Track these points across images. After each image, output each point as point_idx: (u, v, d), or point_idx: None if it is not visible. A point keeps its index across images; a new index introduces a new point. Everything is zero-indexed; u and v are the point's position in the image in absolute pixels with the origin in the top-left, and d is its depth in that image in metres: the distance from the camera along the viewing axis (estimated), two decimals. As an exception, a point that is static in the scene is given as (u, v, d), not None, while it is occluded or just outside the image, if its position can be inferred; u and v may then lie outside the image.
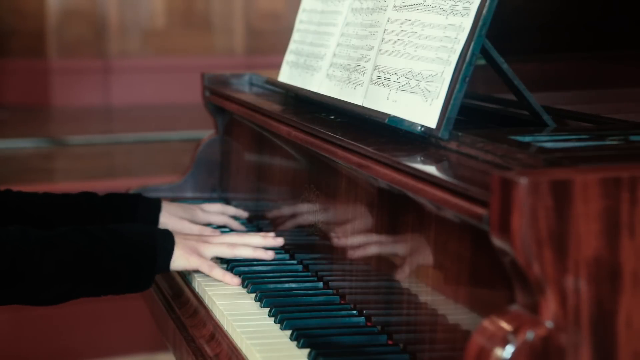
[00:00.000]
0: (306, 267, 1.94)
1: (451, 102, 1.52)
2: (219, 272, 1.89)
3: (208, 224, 2.20)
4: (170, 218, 2.14)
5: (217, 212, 2.24)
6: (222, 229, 2.21)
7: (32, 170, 4.91)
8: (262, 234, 2.01)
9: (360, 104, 1.76)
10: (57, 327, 3.84)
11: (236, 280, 1.88)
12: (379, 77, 1.72)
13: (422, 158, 1.47)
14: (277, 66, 2.22)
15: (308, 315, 1.69)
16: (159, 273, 1.90)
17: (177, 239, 1.89)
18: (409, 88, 1.62)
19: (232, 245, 1.93)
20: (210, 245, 1.92)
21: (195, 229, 2.12)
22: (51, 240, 1.80)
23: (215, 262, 1.92)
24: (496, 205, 1.16)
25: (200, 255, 1.90)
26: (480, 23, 1.52)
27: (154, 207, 2.16)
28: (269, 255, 1.94)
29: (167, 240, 1.88)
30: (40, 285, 1.78)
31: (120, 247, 1.83)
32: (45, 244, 1.79)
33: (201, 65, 4.10)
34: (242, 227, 2.23)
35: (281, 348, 1.56)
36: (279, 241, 1.98)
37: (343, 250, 1.75)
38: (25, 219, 2.07)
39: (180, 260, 1.88)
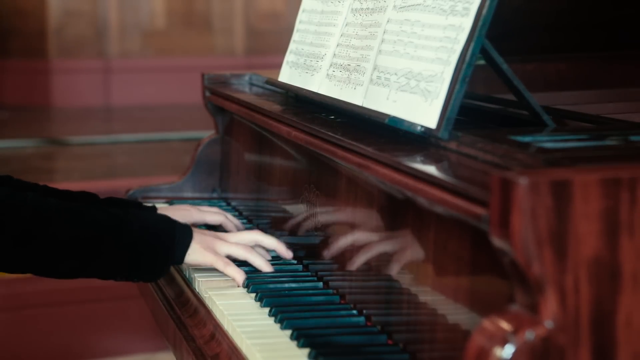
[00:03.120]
0: (306, 267, 1.94)
1: (451, 102, 1.52)
2: (233, 270, 1.89)
3: (204, 224, 2.19)
4: None
5: (214, 211, 2.22)
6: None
7: (32, 170, 4.92)
8: (276, 239, 1.99)
9: (360, 104, 1.76)
10: (57, 327, 3.84)
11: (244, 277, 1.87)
12: (379, 77, 1.72)
13: (421, 158, 1.47)
14: (277, 66, 2.22)
15: (308, 315, 1.69)
16: (173, 264, 1.91)
17: (195, 234, 1.89)
18: (409, 88, 1.62)
19: (248, 249, 1.93)
20: (226, 244, 1.92)
21: None
22: (71, 210, 1.81)
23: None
24: (496, 205, 1.16)
25: (215, 252, 1.90)
26: (480, 23, 1.52)
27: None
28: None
29: (185, 233, 1.88)
30: (54, 252, 1.79)
31: (139, 230, 1.83)
32: (64, 212, 1.80)
33: (201, 65, 4.11)
34: (241, 227, 2.22)
35: (281, 348, 1.56)
36: (290, 254, 1.97)
37: (343, 250, 1.75)
38: None
39: (195, 254, 1.88)
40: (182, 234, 1.88)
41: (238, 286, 1.87)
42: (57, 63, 7.01)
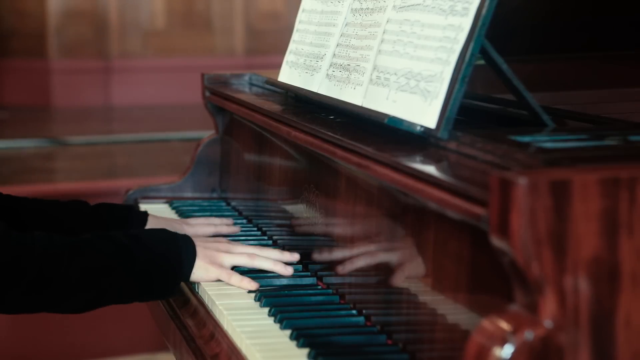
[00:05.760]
0: (306, 267, 1.94)
1: (450, 102, 1.52)
2: (237, 279, 1.86)
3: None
4: None
5: (202, 223, 2.18)
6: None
7: (32, 170, 4.91)
8: (278, 250, 1.97)
9: (360, 104, 1.76)
10: (57, 327, 3.84)
11: (254, 284, 1.85)
12: (378, 77, 1.72)
13: (421, 158, 1.48)
14: (277, 66, 2.22)
15: (307, 315, 1.69)
16: (181, 282, 1.89)
17: (197, 249, 1.86)
18: (409, 88, 1.62)
19: (252, 255, 1.90)
20: (230, 255, 1.89)
21: None
22: (78, 246, 1.78)
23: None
24: (495, 205, 1.16)
25: (220, 265, 1.88)
26: (479, 23, 1.52)
27: (141, 221, 2.14)
28: (289, 271, 1.90)
29: (189, 251, 1.86)
30: (67, 292, 1.77)
31: (146, 262, 1.81)
32: (72, 250, 1.77)
33: (201, 65, 4.11)
34: (236, 229, 2.20)
35: (281, 348, 1.56)
36: (295, 257, 1.95)
37: (343, 249, 1.76)
38: (17, 223, 2.04)
39: (200, 271, 1.86)
40: (186, 253, 1.85)
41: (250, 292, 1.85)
42: (57, 63, 7.01)
